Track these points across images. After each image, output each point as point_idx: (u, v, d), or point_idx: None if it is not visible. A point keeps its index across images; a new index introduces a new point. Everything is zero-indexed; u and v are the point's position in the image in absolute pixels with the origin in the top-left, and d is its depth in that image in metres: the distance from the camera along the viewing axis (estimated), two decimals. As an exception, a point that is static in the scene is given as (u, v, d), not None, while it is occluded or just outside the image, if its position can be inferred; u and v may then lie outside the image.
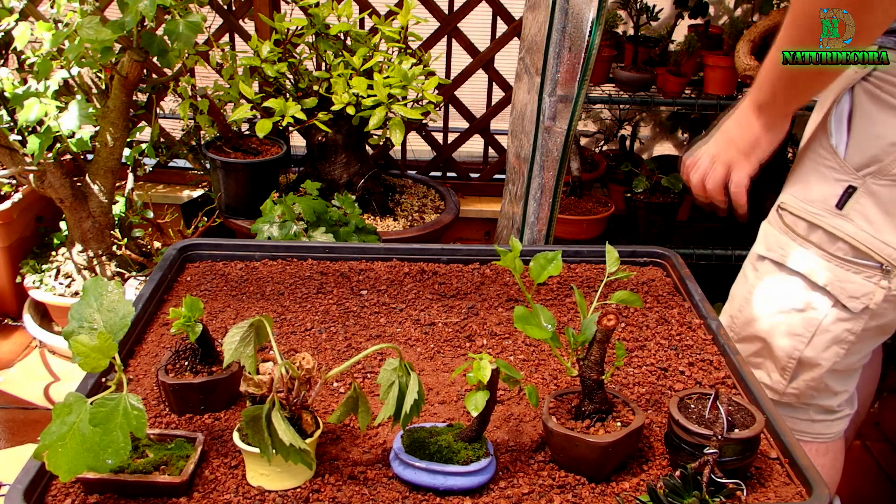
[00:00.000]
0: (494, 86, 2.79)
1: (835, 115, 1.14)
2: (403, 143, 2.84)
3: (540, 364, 1.09)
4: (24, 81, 2.13)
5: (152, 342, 1.11)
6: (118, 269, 2.39)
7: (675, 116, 2.94)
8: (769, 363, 1.27)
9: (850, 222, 1.12)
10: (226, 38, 2.75)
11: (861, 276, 1.14)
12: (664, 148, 3.07)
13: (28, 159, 2.14)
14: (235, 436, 0.85)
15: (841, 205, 1.13)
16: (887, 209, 1.10)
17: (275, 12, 2.53)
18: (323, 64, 2.37)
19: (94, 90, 2.21)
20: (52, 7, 2.05)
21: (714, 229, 2.72)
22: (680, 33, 2.71)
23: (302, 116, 2.14)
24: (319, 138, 2.37)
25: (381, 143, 2.48)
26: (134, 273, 2.40)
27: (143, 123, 2.64)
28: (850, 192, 1.12)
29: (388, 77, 2.14)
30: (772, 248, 1.23)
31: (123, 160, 2.33)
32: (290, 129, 2.39)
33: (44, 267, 2.55)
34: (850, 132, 1.12)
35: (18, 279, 2.57)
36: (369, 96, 2.12)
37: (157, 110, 2.42)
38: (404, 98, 2.18)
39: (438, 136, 2.86)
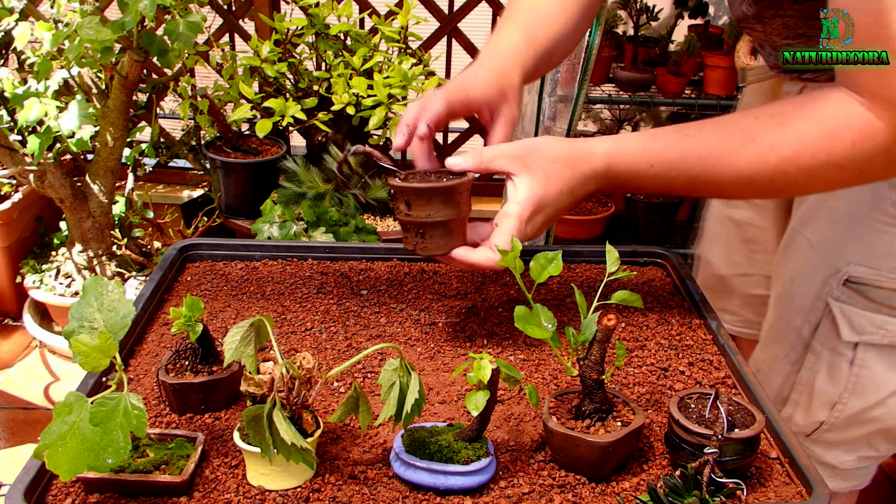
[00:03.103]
0: (494, 86, 2.79)
1: None
2: (403, 144, 2.84)
3: (540, 364, 1.09)
4: (24, 81, 2.13)
5: (153, 342, 1.11)
6: (118, 269, 2.40)
7: (675, 116, 2.94)
8: (879, 438, 1.19)
9: None
10: (226, 38, 2.75)
11: None
12: (664, 148, 3.07)
13: (28, 159, 2.14)
14: (236, 435, 0.86)
15: None
16: None
17: (275, 12, 2.53)
18: (323, 64, 2.37)
19: (94, 90, 2.21)
20: (52, 7, 2.05)
21: (714, 229, 2.71)
22: (680, 33, 2.72)
23: (302, 116, 2.15)
24: (319, 138, 2.37)
25: (381, 143, 2.48)
26: (134, 273, 2.41)
27: (143, 123, 2.64)
28: None
29: (388, 77, 2.15)
30: (866, 331, 1.10)
31: (123, 160, 2.33)
32: (290, 129, 2.39)
33: (44, 267, 2.55)
34: None
35: (18, 279, 2.57)
36: (369, 96, 2.12)
37: (157, 110, 2.42)
38: (404, 98, 2.19)
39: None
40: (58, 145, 2.15)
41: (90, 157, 2.29)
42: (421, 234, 0.97)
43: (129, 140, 2.28)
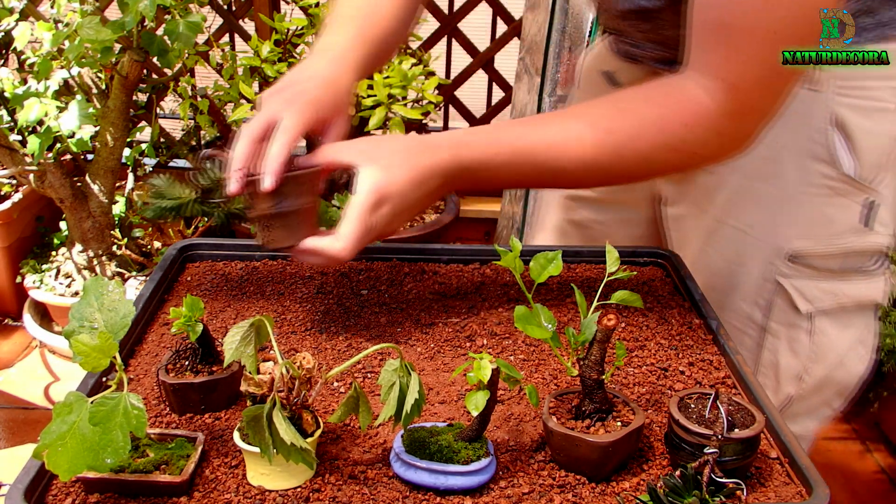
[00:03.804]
0: (494, 86, 2.79)
1: (839, 146, 1.06)
2: (403, 144, 2.84)
3: (540, 364, 1.09)
4: (24, 81, 2.13)
5: (153, 342, 1.11)
6: (118, 269, 2.40)
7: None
8: (835, 396, 1.21)
9: (877, 233, 1.10)
10: (226, 38, 2.75)
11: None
12: (664, 148, 3.07)
13: (28, 159, 2.14)
14: (236, 435, 0.86)
15: (867, 221, 1.09)
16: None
17: (275, 12, 2.53)
18: (323, 64, 2.37)
19: (94, 90, 2.21)
20: (52, 7, 2.06)
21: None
22: (680, 33, 2.71)
23: (302, 116, 2.14)
24: (319, 138, 2.37)
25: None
26: (134, 273, 2.41)
27: (143, 123, 2.64)
28: (871, 206, 1.09)
29: (387, 77, 2.15)
30: (816, 299, 1.13)
31: (123, 160, 2.33)
32: (290, 129, 2.39)
33: (44, 267, 2.55)
34: (854, 153, 1.07)
35: (18, 279, 2.57)
36: (369, 96, 2.12)
37: (157, 110, 2.42)
38: (404, 98, 2.19)
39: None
40: (58, 145, 2.16)
41: (90, 157, 2.29)
42: (267, 226, 0.96)
43: (129, 140, 2.28)
